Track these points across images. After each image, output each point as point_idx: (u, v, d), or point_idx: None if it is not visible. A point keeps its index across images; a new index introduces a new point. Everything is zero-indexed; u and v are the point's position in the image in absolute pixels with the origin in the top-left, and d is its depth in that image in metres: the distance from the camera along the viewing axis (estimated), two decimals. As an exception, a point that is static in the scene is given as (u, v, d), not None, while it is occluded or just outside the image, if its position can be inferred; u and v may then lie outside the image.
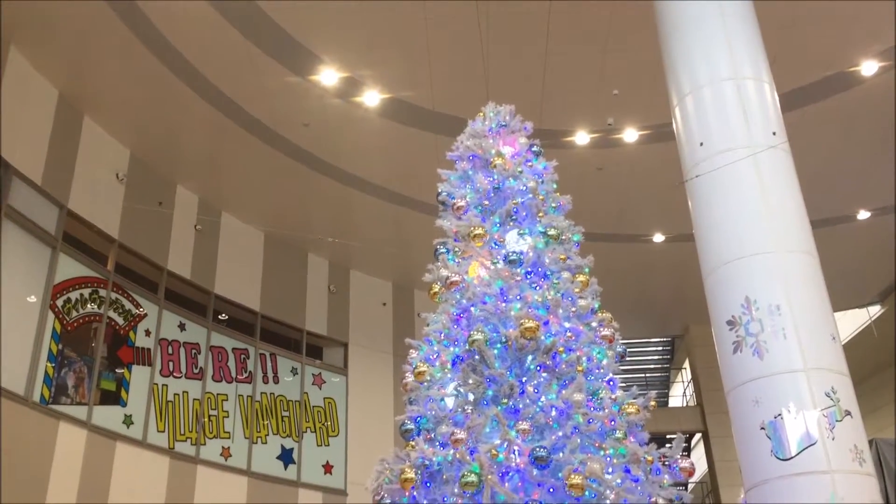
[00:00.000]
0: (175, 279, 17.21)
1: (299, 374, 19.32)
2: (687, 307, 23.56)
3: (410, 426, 5.95)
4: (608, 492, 5.22)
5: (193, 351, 17.18)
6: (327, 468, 18.86)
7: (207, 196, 18.14)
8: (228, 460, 17.08)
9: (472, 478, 5.24)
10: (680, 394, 31.05)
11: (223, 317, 18.51)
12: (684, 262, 15.81)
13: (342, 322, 20.46)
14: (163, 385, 16.28)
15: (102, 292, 15.30)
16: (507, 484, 5.30)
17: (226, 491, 16.75)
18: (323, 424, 19.24)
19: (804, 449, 6.82)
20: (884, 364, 24.23)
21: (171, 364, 16.63)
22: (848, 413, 6.93)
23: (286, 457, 18.27)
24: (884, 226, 19.72)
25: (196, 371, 17.11)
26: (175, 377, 16.62)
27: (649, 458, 5.63)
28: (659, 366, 31.31)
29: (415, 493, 5.62)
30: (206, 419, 16.89)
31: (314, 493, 18.30)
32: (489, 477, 5.24)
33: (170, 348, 16.68)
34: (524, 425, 5.53)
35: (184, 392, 16.68)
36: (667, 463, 5.73)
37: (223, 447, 17.10)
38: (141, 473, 15.26)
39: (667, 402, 30.75)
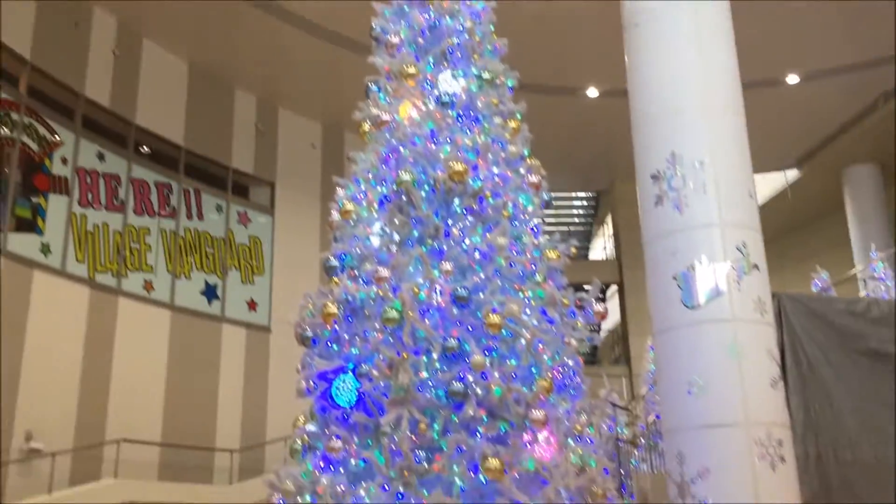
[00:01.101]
0: (93, 107, 16.52)
1: (224, 211, 19.13)
2: (614, 163, 23.92)
3: (334, 263, 5.98)
4: (524, 331, 5.40)
5: (113, 182, 16.77)
6: (251, 305, 19.05)
7: (127, 20, 17.17)
8: (151, 294, 17.08)
9: (394, 314, 5.34)
10: (600, 247, 31.98)
11: (145, 149, 17.99)
12: (616, 118, 15.87)
13: (269, 161, 20.15)
14: (81, 215, 15.94)
15: (15, 116, 14.62)
16: (427, 321, 5.41)
17: (148, 324, 16.84)
18: (248, 263, 19.27)
19: (711, 299, 7.14)
20: (795, 227, 25.30)
21: (89, 194, 16.22)
22: (755, 267, 7.25)
23: (210, 293, 18.35)
24: (810, 91, 20.05)
25: (117, 203, 16.76)
26: (94, 208, 16.27)
27: (566, 302, 5.83)
28: (582, 220, 32.04)
29: (336, 327, 5.72)
30: (128, 252, 16.72)
31: (238, 329, 18.55)
32: (410, 314, 5.34)
33: (88, 178, 16.23)
34: (447, 266, 5.61)
35: (104, 223, 16.37)
36: (582, 306, 5.94)
37: (145, 280, 17.05)
38: (60, 303, 15.17)
39: (587, 255, 31.69)
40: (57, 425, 14.60)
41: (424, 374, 5.29)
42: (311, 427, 5.79)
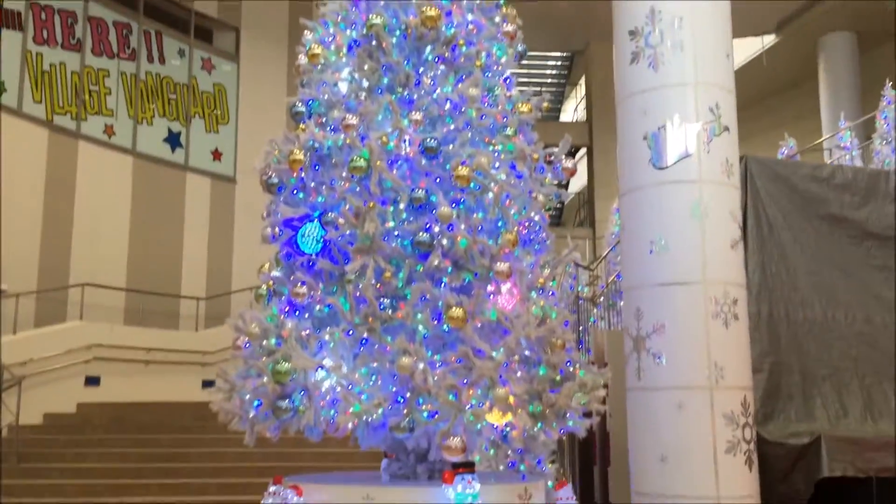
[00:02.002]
0: (46, -62, 15.58)
1: (187, 56, 18.50)
2: (591, 22, 23.33)
3: (301, 108, 5.84)
4: (492, 185, 5.37)
5: (70, 20, 16.03)
6: (216, 155, 18.75)
7: None
8: (112, 139, 16.71)
9: (361, 163, 5.27)
10: (571, 110, 31.70)
11: (101, -14, 17.13)
12: (594, -29, 15.38)
13: (234, 5, 19.34)
14: (37, 53, 15.32)
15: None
16: (395, 171, 5.36)
17: (110, 171, 16.56)
18: (212, 111, 18.82)
19: (680, 160, 7.14)
20: (766, 95, 25.20)
21: (45, 31, 15.53)
22: (726, 129, 7.22)
23: (173, 140, 17.99)
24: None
25: (73, 42, 16.09)
26: (51, 47, 15.62)
27: (535, 157, 5.78)
28: (555, 81, 31.55)
29: (303, 175, 5.64)
30: (87, 94, 16.20)
31: (202, 178, 18.33)
32: (378, 163, 5.27)
33: (43, 14, 15.49)
34: (417, 115, 5.50)
35: (61, 63, 15.78)
36: (551, 162, 5.90)
37: (106, 125, 16.62)
38: (18, 145, 14.80)
39: (558, 117, 31.43)
40: (20, 268, 14.56)
41: (391, 224, 5.28)
42: (275, 273, 5.81)
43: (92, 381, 14.19)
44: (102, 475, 10.42)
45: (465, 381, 4.89)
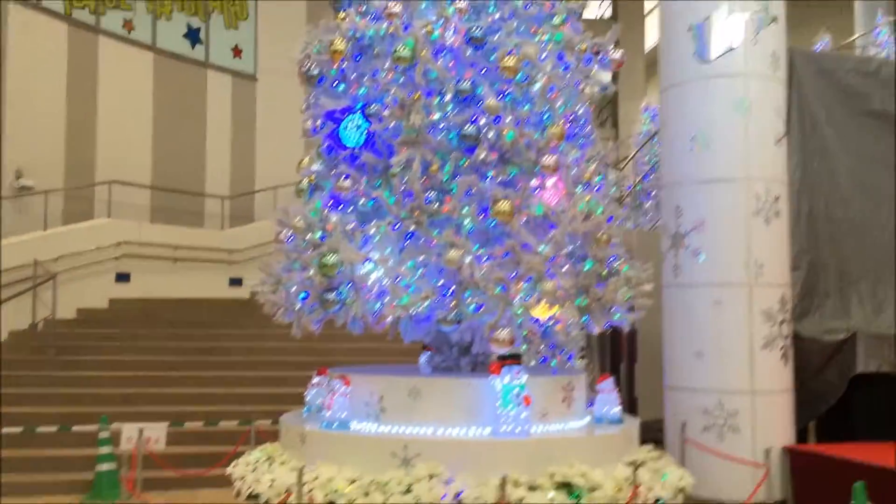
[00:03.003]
0: None
1: (204, -53, 17.94)
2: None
3: (341, -5, 5.66)
4: (539, 76, 5.24)
5: None
6: (236, 52, 18.42)
7: None
8: (132, 34, 16.41)
9: (406, 52, 5.13)
10: (595, 6, 30.73)
11: None
12: None
13: None
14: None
15: None
16: (440, 61, 5.22)
17: (131, 67, 16.33)
18: (231, 5, 18.38)
19: (725, 52, 6.93)
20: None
21: (61, -79, 15.04)
22: (774, 19, 6.98)
23: (193, 36, 17.65)
24: None
25: (90, -67, 15.62)
26: (67, -62, 15.17)
27: (583, 47, 5.61)
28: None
29: (344, 66, 5.52)
30: (106, -13, 15.82)
31: (223, 76, 18.06)
32: (423, 53, 5.14)
33: None
34: (461, 4, 5.34)
35: (77, -44, 15.34)
36: (598, 52, 5.73)
37: (125, 19, 16.30)
38: (39, 40, 14.58)
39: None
40: (46, 165, 14.56)
41: (436, 116, 5.19)
42: (316, 167, 5.76)
43: (122, 277, 14.36)
44: (139, 367, 10.65)
45: (512, 274, 4.89)
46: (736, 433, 6.73)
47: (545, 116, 5.37)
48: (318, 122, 5.57)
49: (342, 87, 5.65)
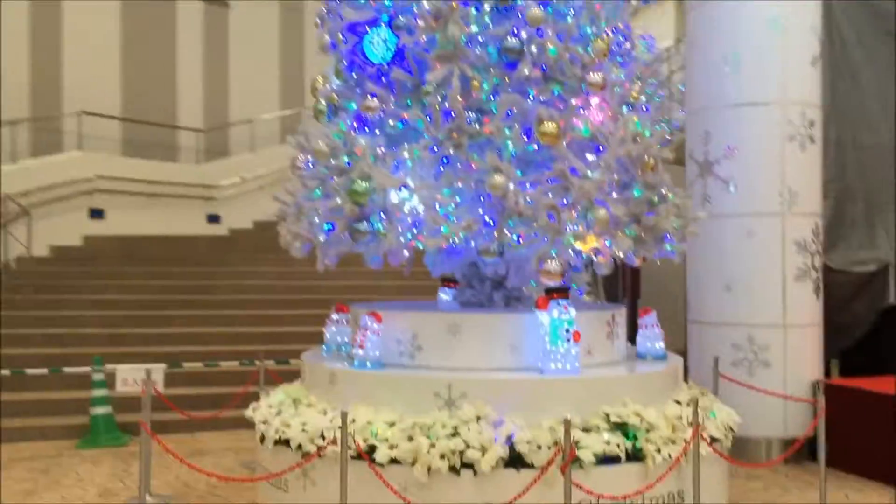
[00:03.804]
0: None
1: None
2: None
3: None
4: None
5: None
6: (206, -24, 17.46)
7: None
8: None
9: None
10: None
11: None
12: None
13: None
14: None
15: None
16: (478, -34, 4.73)
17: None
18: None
19: (761, -32, 6.51)
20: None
21: None
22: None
23: (160, -44, 16.68)
24: None
25: None
26: None
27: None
28: None
29: (368, -28, 4.99)
30: None
31: (194, 2, 17.16)
32: (460, -44, 4.64)
33: None
34: None
35: None
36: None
37: (89, -62, 15.30)
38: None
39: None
40: (11, 96, 13.76)
41: (474, 28, 4.72)
42: (334, 86, 5.28)
43: (96, 213, 13.74)
44: (124, 307, 10.17)
45: (563, 201, 4.50)
46: (767, 368, 6.49)
47: (588, 30, 4.93)
48: (340, 35, 5.06)
49: (363, -3, 5.14)
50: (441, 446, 4.15)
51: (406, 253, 4.98)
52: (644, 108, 5.10)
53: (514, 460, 4.12)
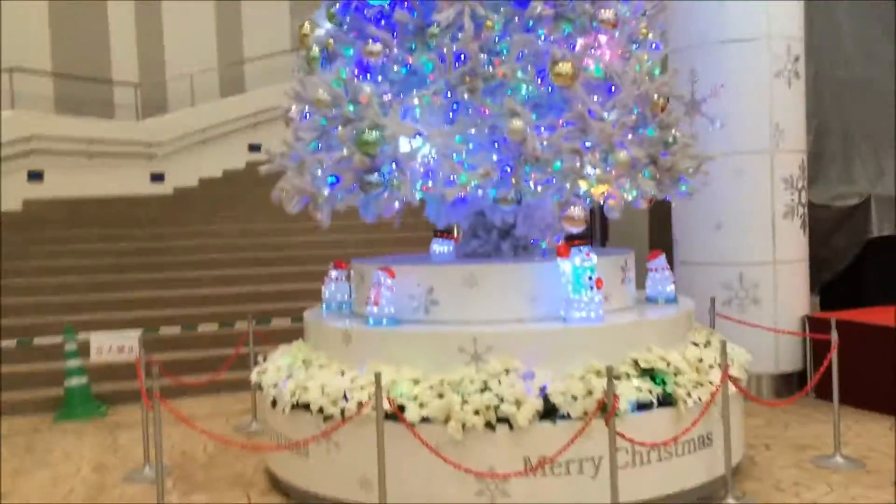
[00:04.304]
0: None
1: None
2: None
3: None
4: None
5: None
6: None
7: None
8: None
9: None
10: None
11: None
12: None
13: None
14: None
15: None
16: None
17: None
18: None
19: None
20: None
21: None
22: None
23: None
24: None
25: None
26: None
27: None
28: None
29: None
30: None
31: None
32: None
33: None
34: None
35: None
36: None
37: None
38: None
39: None
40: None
41: (478, -35, 4.48)
42: (325, 31, 5.00)
43: (35, 175, 13.07)
44: (80, 272, 9.72)
45: (585, 144, 4.36)
46: (757, 305, 6.54)
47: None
48: (336, -25, 4.77)
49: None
50: (474, 402, 4.03)
51: (396, 204, 4.79)
52: (654, 46, 4.96)
53: (549, 412, 4.03)
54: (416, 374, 4.26)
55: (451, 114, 4.53)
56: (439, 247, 6.06)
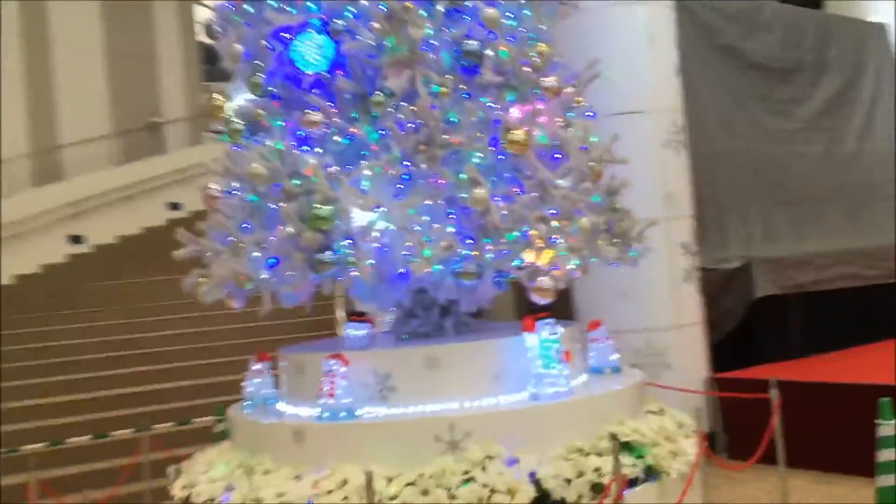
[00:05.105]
0: None
1: None
2: None
3: None
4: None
5: None
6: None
7: None
8: None
9: (389, -49, 4.18)
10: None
11: None
12: None
13: None
14: None
15: None
16: (424, -36, 4.33)
17: None
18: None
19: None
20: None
21: None
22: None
23: None
24: None
25: None
26: None
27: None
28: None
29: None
30: None
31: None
32: (410, -48, 4.22)
33: None
34: None
35: None
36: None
37: None
38: None
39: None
40: None
41: (428, 31, 4.30)
42: (249, 100, 4.62)
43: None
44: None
45: (551, 212, 4.21)
46: (668, 369, 6.61)
47: (531, 33, 4.70)
48: (265, 42, 4.42)
49: None
50: (463, 496, 3.67)
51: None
52: (591, 114, 4.94)
53: (543, 498, 3.74)
54: (390, 469, 3.84)
55: (399, 185, 4.26)
56: (354, 331, 5.65)
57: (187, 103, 18.84)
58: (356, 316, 5.60)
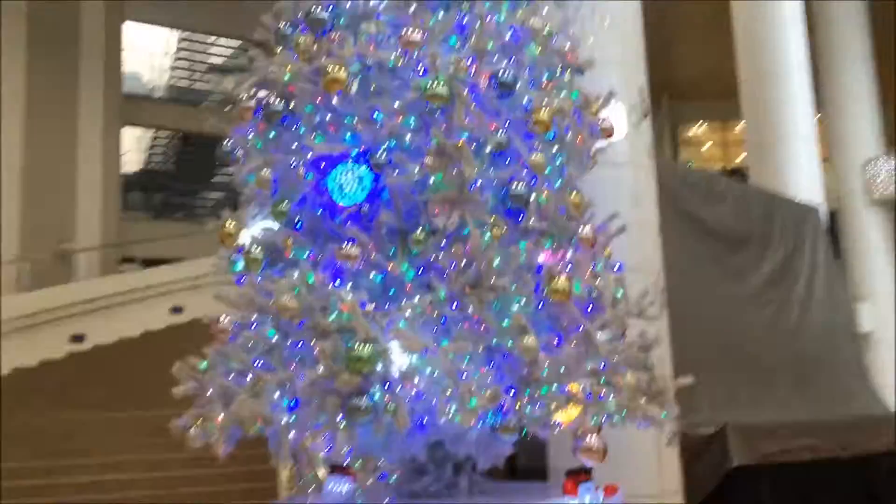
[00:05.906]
0: None
1: None
2: None
3: (323, 15, 4.41)
4: (570, 134, 4.53)
5: None
6: None
7: None
8: None
9: (442, 90, 4.08)
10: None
11: None
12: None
13: None
14: None
15: None
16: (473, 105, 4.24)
17: None
18: None
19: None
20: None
21: None
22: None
23: None
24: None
25: None
26: None
27: (594, 108, 4.98)
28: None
29: (333, 101, 4.25)
30: None
31: None
32: (463, 93, 4.12)
33: None
34: (485, 43, 4.42)
35: None
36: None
37: None
38: None
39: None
40: None
41: (475, 171, 4.16)
42: (270, 228, 4.32)
43: None
44: None
45: (599, 366, 3.99)
46: (652, 540, 6.28)
47: (565, 181, 4.63)
48: (300, 170, 4.17)
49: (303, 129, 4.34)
50: None
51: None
52: (617, 267, 4.82)
53: None
54: None
55: (437, 328, 3.97)
56: (337, 485, 5.14)
57: (103, 231, 18.24)
58: (338, 469, 5.12)
